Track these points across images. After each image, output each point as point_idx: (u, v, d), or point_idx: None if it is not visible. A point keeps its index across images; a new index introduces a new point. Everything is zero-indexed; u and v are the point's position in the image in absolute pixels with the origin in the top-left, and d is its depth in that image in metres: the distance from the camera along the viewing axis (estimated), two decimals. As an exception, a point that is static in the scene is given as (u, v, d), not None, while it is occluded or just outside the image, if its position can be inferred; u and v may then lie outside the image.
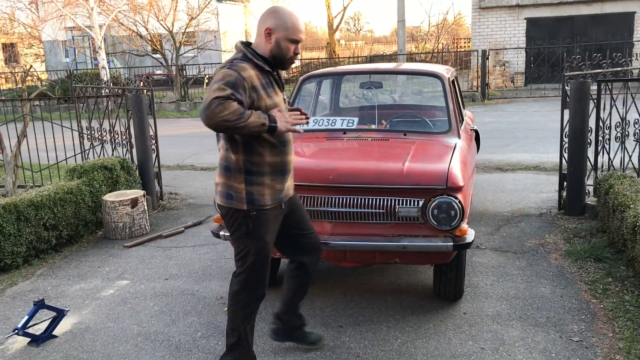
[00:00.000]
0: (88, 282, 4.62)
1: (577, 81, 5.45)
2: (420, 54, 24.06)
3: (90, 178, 5.83)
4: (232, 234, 2.94)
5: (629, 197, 4.44)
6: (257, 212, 2.84)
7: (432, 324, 3.67)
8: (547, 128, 11.22)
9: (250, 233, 2.86)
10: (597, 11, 19.09)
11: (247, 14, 29.48)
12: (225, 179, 2.87)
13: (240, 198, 2.83)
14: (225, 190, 2.87)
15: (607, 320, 3.61)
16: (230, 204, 2.86)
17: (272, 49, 2.82)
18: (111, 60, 25.82)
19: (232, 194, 2.84)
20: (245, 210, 2.83)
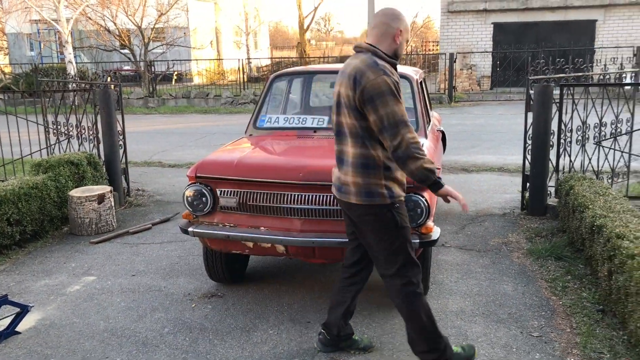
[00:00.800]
0: (53, 278, 4.57)
1: (540, 85, 5.60)
2: (389, 55, 24.24)
3: (56, 173, 5.76)
4: (380, 232, 2.93)
5: (588, 198, 4.59)
6: (399, 202, 2.92)
7: (397, 319, 3.73)
8: (511, 130, 11.46)
9: (399, 223, 2.91)
10: (561, 18, 19.57)
11: (217, 11, 29.28)
12: (363, 177, 2.88)
13: (382, 194, 2.86)
14: (365, 189, 2.87)
15: (565, 316, 3.74)
16: (373, 201, 2.87)
17: (397, 49, 2.94)
18: (78, 54, 25.36)
19: (373, 191, 2.86)
20: (390, 204, 2.88)
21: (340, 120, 2.94)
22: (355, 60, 2.88)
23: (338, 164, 3.02)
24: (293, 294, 4.13)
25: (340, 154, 2.98)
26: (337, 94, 2.97)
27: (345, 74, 2.90)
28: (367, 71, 2.79)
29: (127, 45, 20.43)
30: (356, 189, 2.89)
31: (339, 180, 3.00)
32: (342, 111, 2.92)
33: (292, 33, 56.50)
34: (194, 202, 3.75)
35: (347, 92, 2.86)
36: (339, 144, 2.99)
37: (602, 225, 3.99)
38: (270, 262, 4.75)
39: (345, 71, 2.91)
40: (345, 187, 2.94)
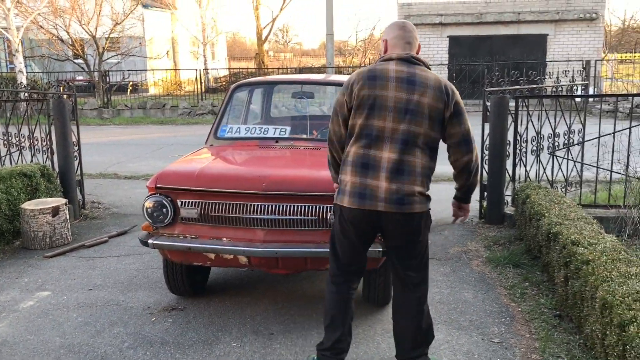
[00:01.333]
0: (4, 294, 4.40)
1: (496, 96, 5.74)
2: (348, 67, 24.49)
3: (8, 185, 5.56)
4: (427, 237, 3.08)
5: (544, 206, 4.71)
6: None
7: (361, 329, 3.74)
8: (468, 141, 11.67)
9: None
10: (514, 32, 20.15)
11: (174, 21, 29.01)
12: (425, 187, 2.91)
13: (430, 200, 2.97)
14: (427, 198, 2.93)
15: (524, 322, 3.81)
16: (429, 207, 2.99)
17: None
18: (29, 64, 24.68)
19: (429, 199, 2.96)
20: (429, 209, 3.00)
21: (385, 126, 2.84)
22: (425, 73, 2.88)
23: (391, 173, 2.83)
24: (255, 306, 4.09)
25: (402, 164, 2.83)
26: (377, 98, 2.86)
27: (428, 85, 2.85)
28: (452, 86, 2.93)
29: (81, 54, 20.01)
30: (420, 198, 2.87)
31: (398, 192, 2.81)
32: (413, 119, 2.82)
33: (250, 44, 56.38)
34: (153, 213, 3.68)
35: (433, 103, 2.83)
36: (384, 150, 2.85)
37: (558, 232, 4.09)
38: (231, 273, 4.69)
39: (425, 81, 2.86)
40: (409, 198, 2.83)
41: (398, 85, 2.84)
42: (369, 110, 2.84)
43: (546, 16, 19.73)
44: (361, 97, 2.85)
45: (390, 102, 2.83)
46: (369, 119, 2.85)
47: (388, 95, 2.83)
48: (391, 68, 2.87)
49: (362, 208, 2.85)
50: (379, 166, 2.83)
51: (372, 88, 2.84)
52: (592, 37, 19.98)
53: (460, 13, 20.22)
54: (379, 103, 2.83)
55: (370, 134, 2.85)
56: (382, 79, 2.85)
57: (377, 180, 2.83)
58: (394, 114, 2.83)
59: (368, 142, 2.85)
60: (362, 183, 2.84)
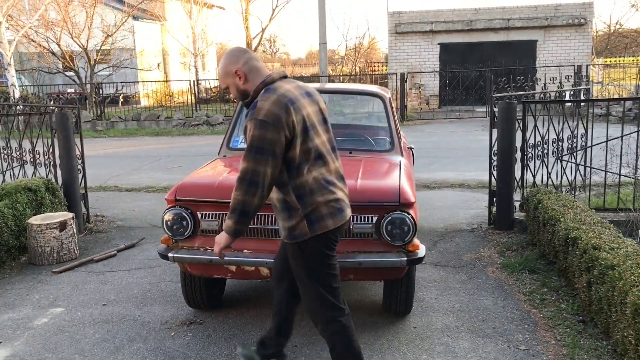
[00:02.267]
0: (17, 311, 4.31)
1: (504, 102, 5.74)
2: (339, 76, 24.53)
3: (13, 200, 5.48)
4: None
5: (558, 211, 4.71)
6: None
7: (385, 339, 3.71)
8: (465, 147, 11.72)
9: None
10: (504, 38, 20.31)
11: (164, 32, 28.94)
12: None
13: None
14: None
15: (548, 328, 3.79)
16: None
17: None
18: (19, 77, 24.49)
19: None
20: None
21: (323, 140, 2.87)
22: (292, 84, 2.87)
23: (341, 181, 2.92)
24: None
25: (340, 170, 2.94)
26: (321, 112, 2.91)
27: (316, 94, 2.94)
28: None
29: (72, 67, 19.88)
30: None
31: (346, 198, 2.92)
32: (319, 130, 2.86)
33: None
34: (173, 226, 3.63)
35: (315, 108, 2.87)
36: (337, 160, 2.93)
37: (577, 237, 4.08)
38: (246, 285, 4.64)
39: (311, 92, 2.91)
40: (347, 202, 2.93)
41: (307, 100, 2.83)
42: (311, 132, 2.78)
43: (535, 22, 19.93)
44: (298, 123, 2.72)
45: (313, 118, 2.82)
46: (313, 140, 2.79)
47: (310, 111, 2.82)
48: (288, 87, 2.81)
49: (343, 222, 2.87)
50: (334, 179, 2.86)
51: (297, 111, 2.73)
52: (581, 42, 20.20)
53: (450, 20, 20.36)
54: (309, 122, 2.79)
55: (321, 153, 2.82)
56: (296, 100, 2.76)
57: (339, 190, 2.87)
58: (321, 126, 2.87)
59: (322, 161, 2.83)
60: (335, 198, 2.83)
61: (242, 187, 2.68)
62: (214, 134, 16.30)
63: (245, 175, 2.67)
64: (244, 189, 2.68)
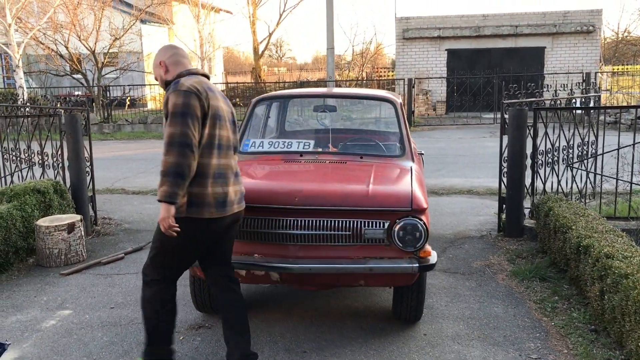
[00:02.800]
0: (25, 313, 4.30)
1: (515, 109, 5.71)
2: (345, 81, 24.54)
3: (22, 202, 5.47)
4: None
5: (569, 219, 4.67)
6: None
7: (395, 346, 3.67)
8: (473, 154, 11.68)
9: None
10: (511, 45, 20.27)
11: (171, 36, 29.02)
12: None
13: None
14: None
15: (560, 337, 3.75)
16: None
17: None
18: (26, 79, 24.58)
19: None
20: None
21: (229, 136, 3.13)
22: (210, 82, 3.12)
23: (235, 177, 3.15)
24: (284, 322, 4.00)
25: (232, 167, 3.13)
26: (232, 114, 3.21)
27: (219, 92, 3.14)
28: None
29: (80, 70, 19.94)
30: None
31: (241, 193, 3.19)
32: (227, 126, 3.11)
33: (244, 59, 56.50)
34: (184, 229, 3.60)
35: (228, 109, 3.16)
36: (230, 158, 3.13)
37: (589, 245, 4.05)
38: (255, 289, 4.61)
39: (214, 90, 3.10)
40: (243, 198, 3.22)
41: (221, 97, 3.13)
42: (218, 121, 3.02)
43: (543, 29, 19.88)
44: (212, 107, 2.98)
45: (224, 113, 3.10)
46: (222, 130, 3.04)
47: (222, 107, 3.09)
48: (207, 81, 3.08)
49: (224, 215, 3.03)
50: (228, 174, 3.09)
51: (212, 98, 3.00)
52: (590, 49, 20.13)
53: (458, 27, 20.34)
54: (220, 114, 3.04)
55: (221, 144, 3.04)
56: (211, 91, 3.03)
57: (228, 186, 3.07)
58: (229, 124, 3.15)
59: (223, 153, 3.05)
60: (224, 192, 3.03)
61: (173, 150, 2.79)
62: (221, 137, 16.26)
63: (174, 139, 2.80)
64: (175, 151, 2.79)
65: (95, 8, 20.43)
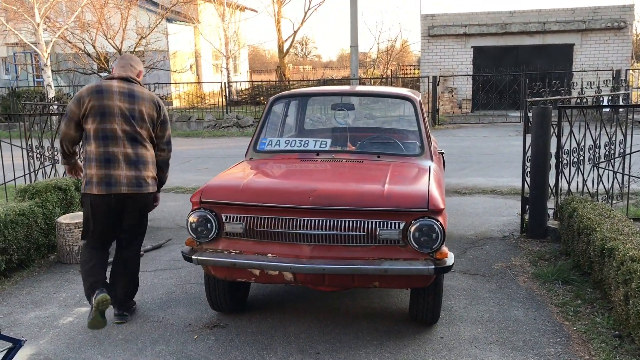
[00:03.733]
0: (43, 309, 4.34)
1: (539, 107, 5.58)
2: (370, 79, 24.41)
3: (43, 199, 5.53)
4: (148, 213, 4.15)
5: (594, 220, 4.53)
6: None
7: (410, 349, 3.61)
8: (498, 152, 11.50)
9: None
10: (539, 42, 19.92)
11: (197, 35, 29.22)
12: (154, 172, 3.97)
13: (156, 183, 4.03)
14: (154, 180, 4.00)
15: (581, 342, 3.64)
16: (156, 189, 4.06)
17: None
18: (55, 78, 24.98)
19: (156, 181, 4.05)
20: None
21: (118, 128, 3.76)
22: (141, 89, 3.90)
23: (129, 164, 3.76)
24: (298, 323, 3.97)
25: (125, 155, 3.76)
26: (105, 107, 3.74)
27: (145, 97, 3.87)
28: (160, 100, 4.00)
29: (107, 68, 20.18)
30: (152, 181, 3.93)
31: (137, 178, 3.78)
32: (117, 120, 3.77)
33: (270, 57, 56.60)
34: (198, 228, 3.60)
35: (149, 111, 3.87)
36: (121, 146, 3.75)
37: (614, 248, 3.92)
38: (271, 289, 4.59)
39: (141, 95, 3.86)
40: (145, 182, 3.85)
41: (119, 97, 3.78)
42: (101, 117, 3.71)
43: (572, 26, 19.48)
44: (90, 108, 3.72)
45: (115, 110, 3.74)
46: (103, 124, 3.72)
47: (116, 105, 3.75)
48: (115, 85, 3.82)
49: (109, 193, 3.73)
50: (118, 160, 3.73)
51: (96, 100, 3.72)
52: (621, 46, 19.67)
53: (484, 23, 20.06)
54: (108, 111, 3.72)
55: (106, 135, 3.72)
56: (108, 92, 3.76)
57: (119, 170, 3.73)
58: (121, 118, 3.75)
59: (104, 142, 3.72)
60: (107, 174, 3.72)
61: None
62: (244, 135, 16.35)
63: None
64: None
65: (122, 7, 20.65)
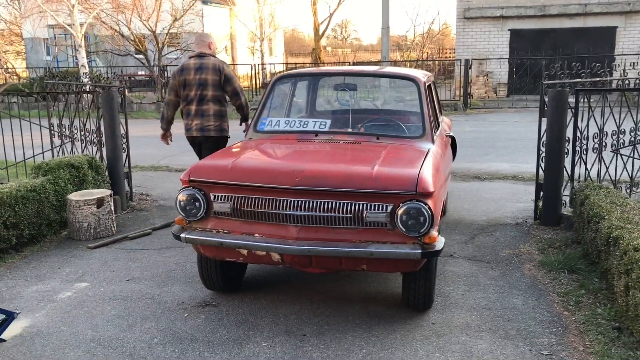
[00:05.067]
0: (45, 283, 4.43)
1: (555, 90, 5.37)
2: (404, 61, 24.06)
3: (56, 176, 5.63)
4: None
5: (604, 208, 4.36)
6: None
7: (399, 334, 3.54)
8: (527, 138, 11.18)
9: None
10: (579, 25, 19.23)
11: (232, 17, 29.30)
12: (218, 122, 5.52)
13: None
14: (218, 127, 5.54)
15: (578, 333, 3.51)
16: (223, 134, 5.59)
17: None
18: (94, 59, 25.46)
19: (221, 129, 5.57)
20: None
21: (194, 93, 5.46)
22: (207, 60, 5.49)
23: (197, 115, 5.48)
24: (290, 305, 3.94)
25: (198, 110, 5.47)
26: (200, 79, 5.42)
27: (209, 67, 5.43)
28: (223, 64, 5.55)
29: (141, 50, 20.44)
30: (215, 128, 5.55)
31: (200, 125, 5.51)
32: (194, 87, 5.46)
33: (309, 40, 56.34)
34: (186, 207, 3.59)
35: (212, 77, 5.43)
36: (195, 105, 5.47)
37: (619, 237, 3.75)
38: (269, 270, 4.57)
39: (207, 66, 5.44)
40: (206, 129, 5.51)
41: (194, 70, 5.43)
42: (184, 87, 5.46)
43: (615, 7, 18.73)
44: (179, 81, 5.49)
45: (192, 81, 5.42)
46: (186, 91, 5.46)
47: (190, 78, 5.43)
48: (192, 62, 5.49)
49: (190, 136, 5.62)
50: (193, 113, 5.47)
51: (181, 76, 5.47)
52: (667, 29, 18.83)
53: (522, 6, 19.46)
54: (187, 83, 5.44)
55: (187, 98, 5.47)
56: (187, 69, 5.46)
57: (194, 120, 5.48)
58: (195, 86, 5.41)
59: (187, 103, 5.49)
60: (187, 123, 5.55)
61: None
62: (273, 118, 16.32)
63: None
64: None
65: (156, -12, 20.83)
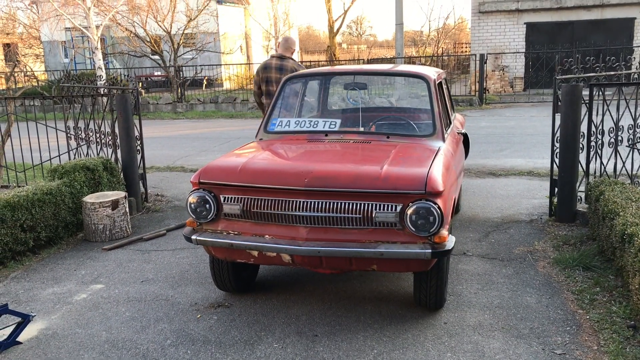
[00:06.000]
0: (62, 285, 4.49)
1: (568, 84, 5.31)
2: (419, 57, 23.93)
3: (72, 179, 5.70)
4: None
5: (619, 204, 4.30)
6: None
7: (410, 334, 3.53)
8: (543, 133, 11.07)
9: None
10: (597, 17, 18.99)
11: (247, 16, 29.39)
12: None
13: None
14: None
15: (592, 332, 3.47)
16: None
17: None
18: (111, 60, 25.71)
19: None
20: None
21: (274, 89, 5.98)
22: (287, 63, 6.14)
23: None
24: (302, 305, 3.95)
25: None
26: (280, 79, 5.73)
27: (288, 69, 6.03)
28: (299, 66, 6.14)
29: (157, 51, 20.59)
30: None
31: None
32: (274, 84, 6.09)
33: (324, 37, 56.29)
34: (197, 209, 3.62)
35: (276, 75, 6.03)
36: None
37: (634, 234, 3.70)
38: (281, 270, 4.59)
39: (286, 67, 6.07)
40: None
41: (275, 69, 6.07)
42: (266, 83, 6.13)
43: (634, -2, 18.44)
44: (262, 77, 6.18)
45: (273, 79, 6.04)
46: (267, 86, 6.11)
47: (272, 76, 6.08)
48: (273, 62, 6.16)
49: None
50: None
51: (264, 73, 6.16)
52: (687, 19, 18.50)
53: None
54: (269, 79, 6.10)
55: (268, 93, 6.08)
56: (269, 67, 6.14)
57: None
58: (275, 83, 6.00)
59: (268, 96, 6.03)
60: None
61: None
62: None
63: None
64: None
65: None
